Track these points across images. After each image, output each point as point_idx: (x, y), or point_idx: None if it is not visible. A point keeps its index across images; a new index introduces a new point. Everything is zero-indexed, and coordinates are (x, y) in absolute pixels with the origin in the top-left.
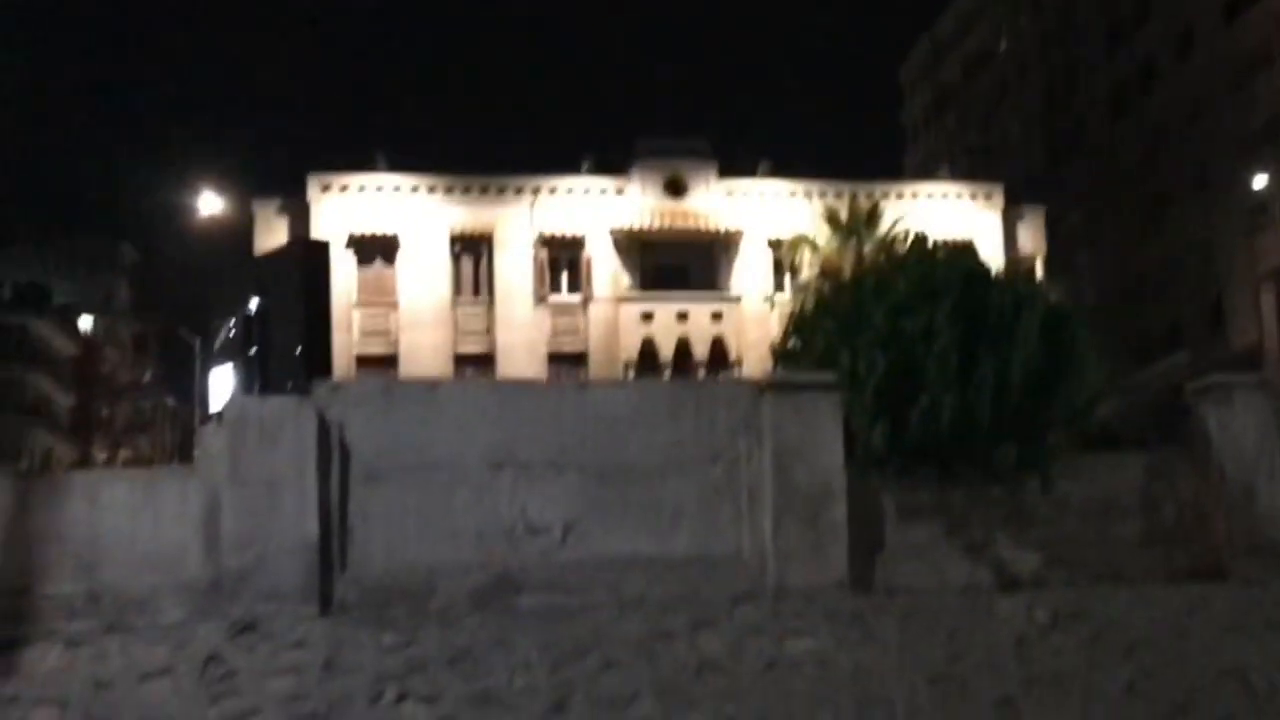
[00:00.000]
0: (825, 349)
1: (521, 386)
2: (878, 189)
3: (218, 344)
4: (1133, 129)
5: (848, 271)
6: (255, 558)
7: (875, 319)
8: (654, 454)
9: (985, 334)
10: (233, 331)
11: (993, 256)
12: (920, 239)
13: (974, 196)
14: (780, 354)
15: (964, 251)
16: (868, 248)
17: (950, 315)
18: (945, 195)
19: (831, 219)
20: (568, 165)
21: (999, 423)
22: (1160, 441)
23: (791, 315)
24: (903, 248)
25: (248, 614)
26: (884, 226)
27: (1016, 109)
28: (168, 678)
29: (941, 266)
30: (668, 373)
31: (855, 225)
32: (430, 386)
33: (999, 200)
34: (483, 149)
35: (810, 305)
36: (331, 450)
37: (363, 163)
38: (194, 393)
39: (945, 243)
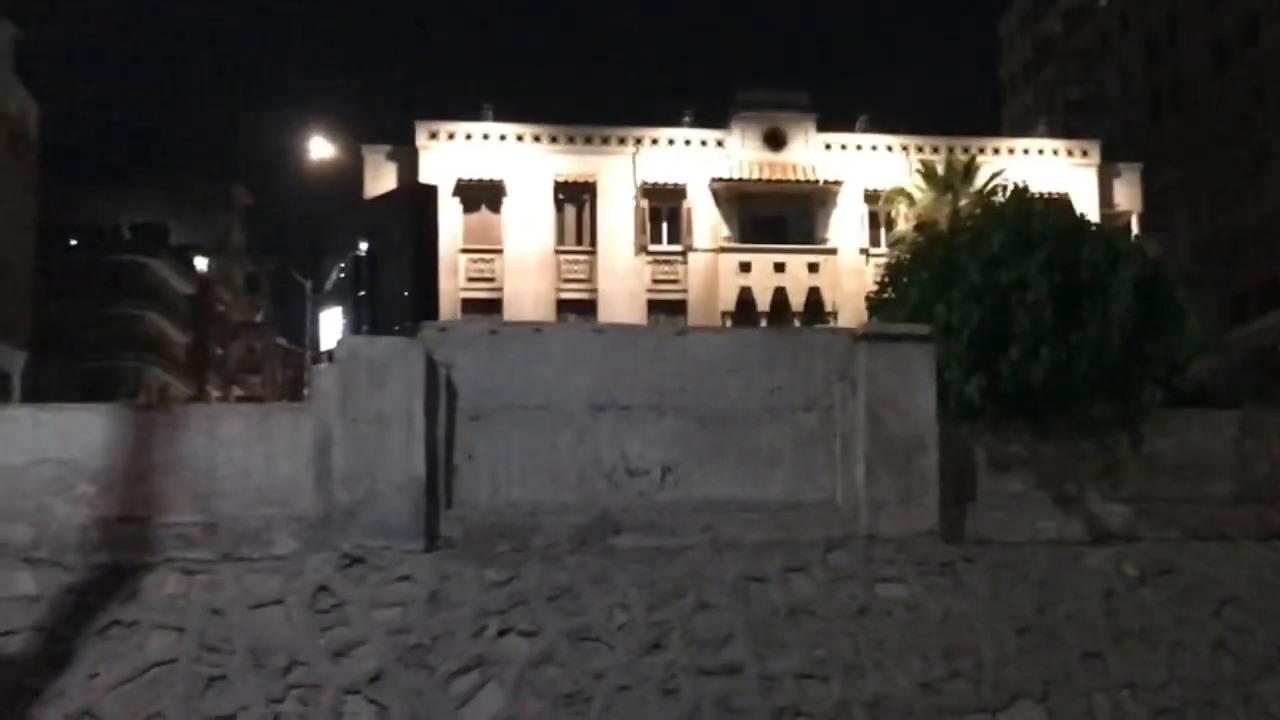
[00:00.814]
0: (920, 301)
1: (623, 331)
2: (974, 144)
3: (328, 285)
4: (1233, 84)
5: (943, 225)
6: (364, 493)
7: (970, 272)
8: (750, 400)
9: (1080, 288)
10: (343, 274)
11: (1088, 213)
12: (1018, 191)
13: (1071, 152)
14: (875, 305)
15: (1059, 207)
16: (963, 202)
17: (1045, 268)
18: (1042, 151)
19: (928, 173)
20: (669, 117)
21: (1093, 377)
22: (1255, 400)
23: (887, 267)
24: (998, 202)
25: (357, 548)
26: (980, 181)
27: (1116, 63)
28: (280, 607)
29: (1037, 220)
30: (764, 322)
31: (951, 179)
32: (534, 330)
33: (1096, 156)
34: (586, 100)
35: (905, 257)
36: (438, 390)
37: (470, 113)
38: (305, 333)
39: (1041, 196)
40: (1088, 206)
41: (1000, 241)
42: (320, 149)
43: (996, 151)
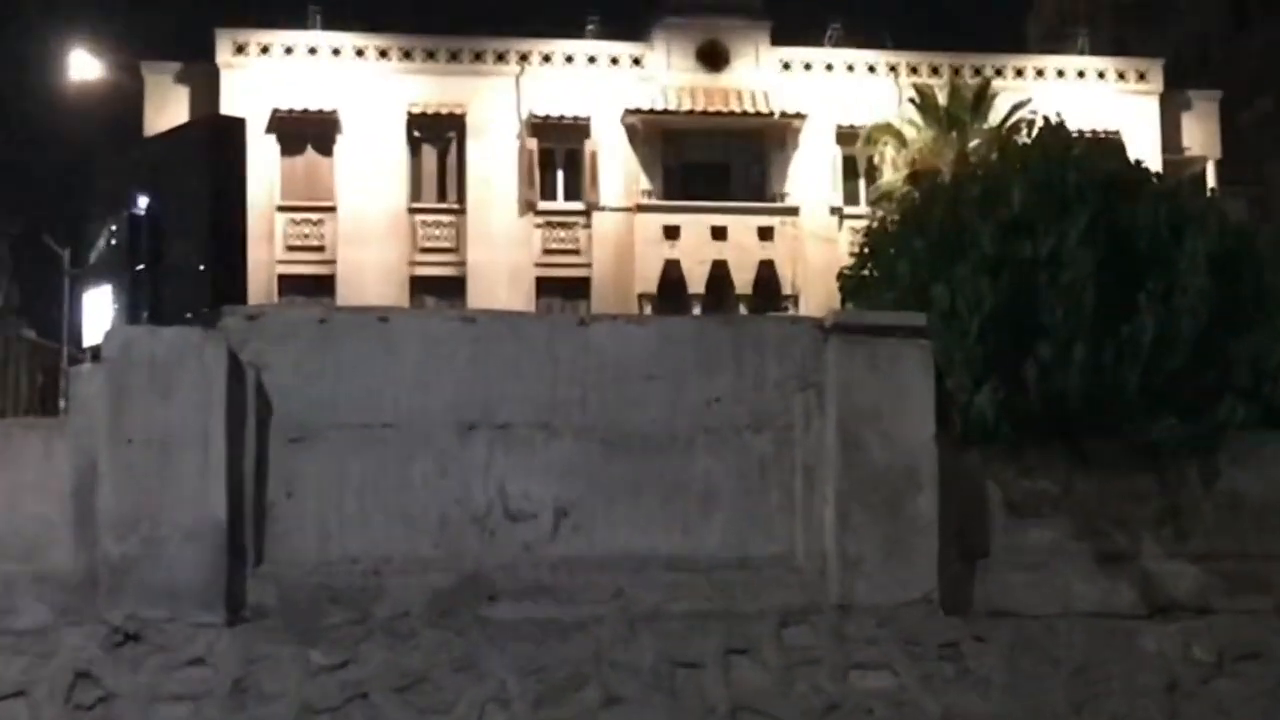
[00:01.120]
0: (913, 279)
1: (503, 322)
2: (989, 63)
3: (94, 256)
4: None
5: (946, 174)
6: (142, 544)
7: (983, 239)
8: (678, 417)
9: (1134, 264)
10: (114, 240)
11: (1146, 158)
12: (1049, 127)
13: (1123, 75)
14: (851, 285)
15: (1106, 150)
16: (973, 142)
17: (1086, 236)
18: (1082, 73)
19: (925, 103)
20: (567, 25)
21: (1151, 387)
22: None
23: (868, 232)
24: (1022, 143)
25: (131, 619)
26: (997, 114)
27: None
28: (22, 702)
29: (1075, 169)
30: (698, 308)
31: (957, 112)
32: (380, 319)
33: (1157, 82)
34: (454, 2)
35: (893, 219)
36: (246, 402)
37: (292, 18)
38: (61, 322)
39: (1081, 135)
40: (1146, 150)
41: (1024, 199)
42: (83, 67)
43: (1020, 74)
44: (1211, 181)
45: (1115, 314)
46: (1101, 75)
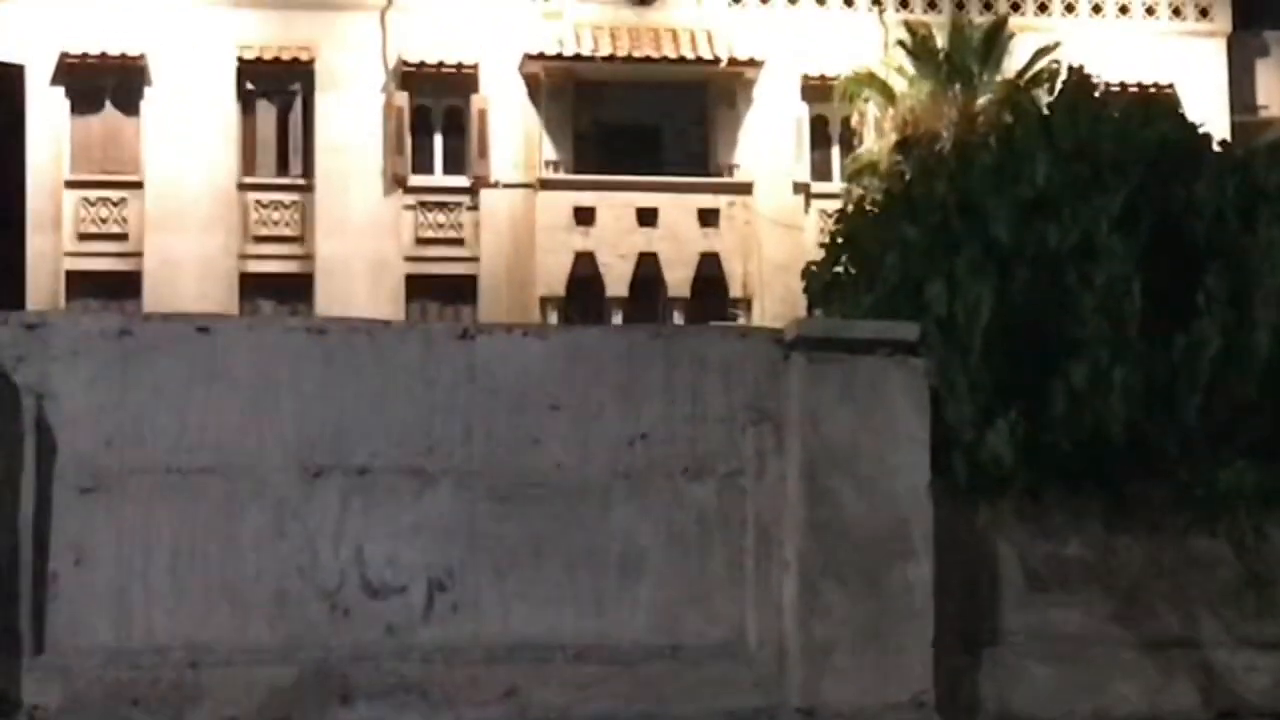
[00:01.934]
0: (903, 277)
1: (363, 334)
2: None
3: None
4: None
5: (947, 140)
6: None
7: (994, 224)
8: (591, 459)
9: (1191, 256)
10: None
11: (1209, 119)
12: (1080, 79)
13: (1178, 12)
14: (821, 286)
15: (1155, 108)
16: (983, 99)
17: (1126, 220)
18: (1125, 9)
19: (920, 47)
20: None
21: (1214, 418)
22: None
23: (844, 216)
24: (1046, 99)
25: None
26: (1014, 63)
27: None
28: None
29: (1112, 133)
30: (619, 317)
31: (962, 58)
32: (200, 329)
33: (1224, 20)
34: None
35: (877, 198)
36: (22, 438)
37: None
38: None
39: (1123, 89)
40: (1210, 108)
41: (1049, 170)
42: None
43: (1044, 9)
44: None
45: (1167, 323)
46: (1151, 11)
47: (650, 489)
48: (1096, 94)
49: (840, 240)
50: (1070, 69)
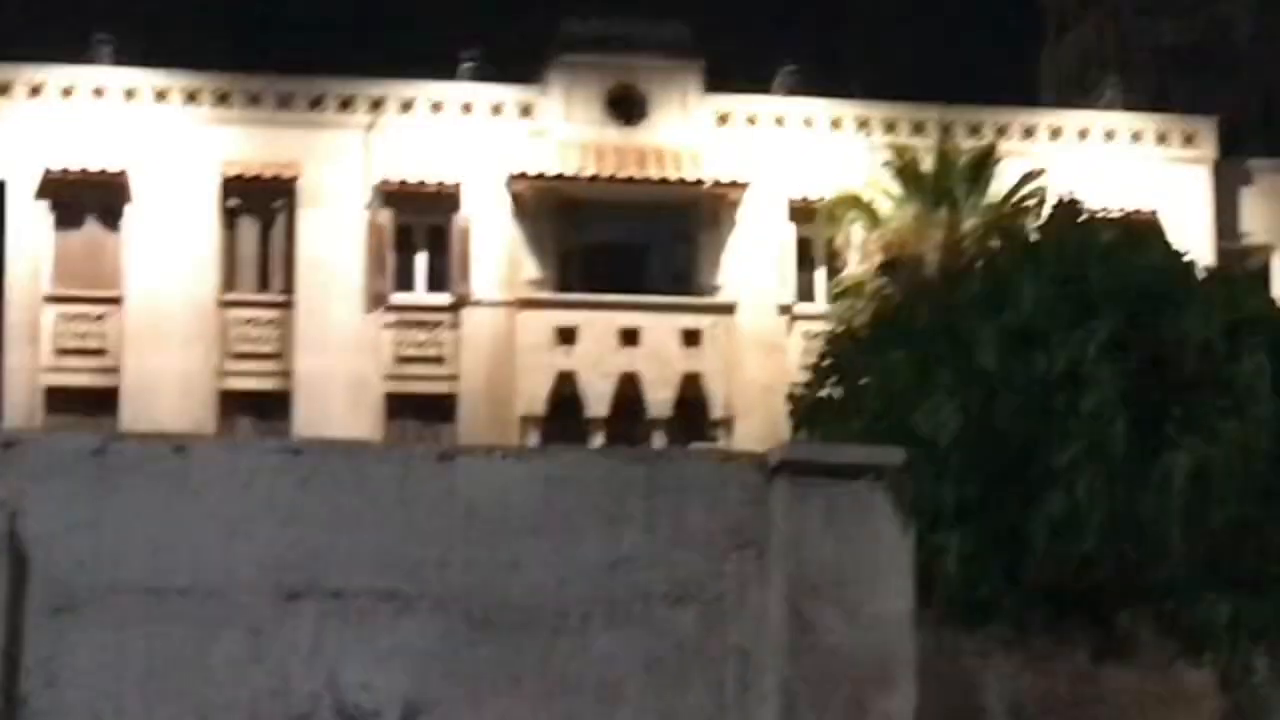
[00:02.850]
0: (889, 402)
1: (340, 455)
2: (989, 119)
3: None
4: None
5: (932, 264)
6: None
7: (981, 349)
8: (571, 584)
9: (1179, 386)
10: None
11: (1195, 246)
12: (1068, 207)
13: (1164, 138)
14: (806, 409)
15: (1142, 236)
16: (969, 222)
17: (1112, 349)
18: (1111, 134)
19: (905, 169)
20: (434, 63)
21: (1199, 547)
22: None
23: (830, 339)
24: (1033, 224)
25: None
26: (999, 186)
27: None
28: None
29: (1103, 261)
30: (600, 438)
31: (947, 182)
32: (176, 449)
33: (1209, 146)
34: (285, 31)
35: (863, 319)
36: None
37: (71, 49)
38: None
39: (1109, 215)
40: (1195, 235)
41: (1036, 298)
42: None
43: (1029, 134)
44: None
45: (1152, 450)
46: (1137, 137)
47: (630, 615)
48: (1083, 221)
49: (826, 364)
50: (1059, 197)
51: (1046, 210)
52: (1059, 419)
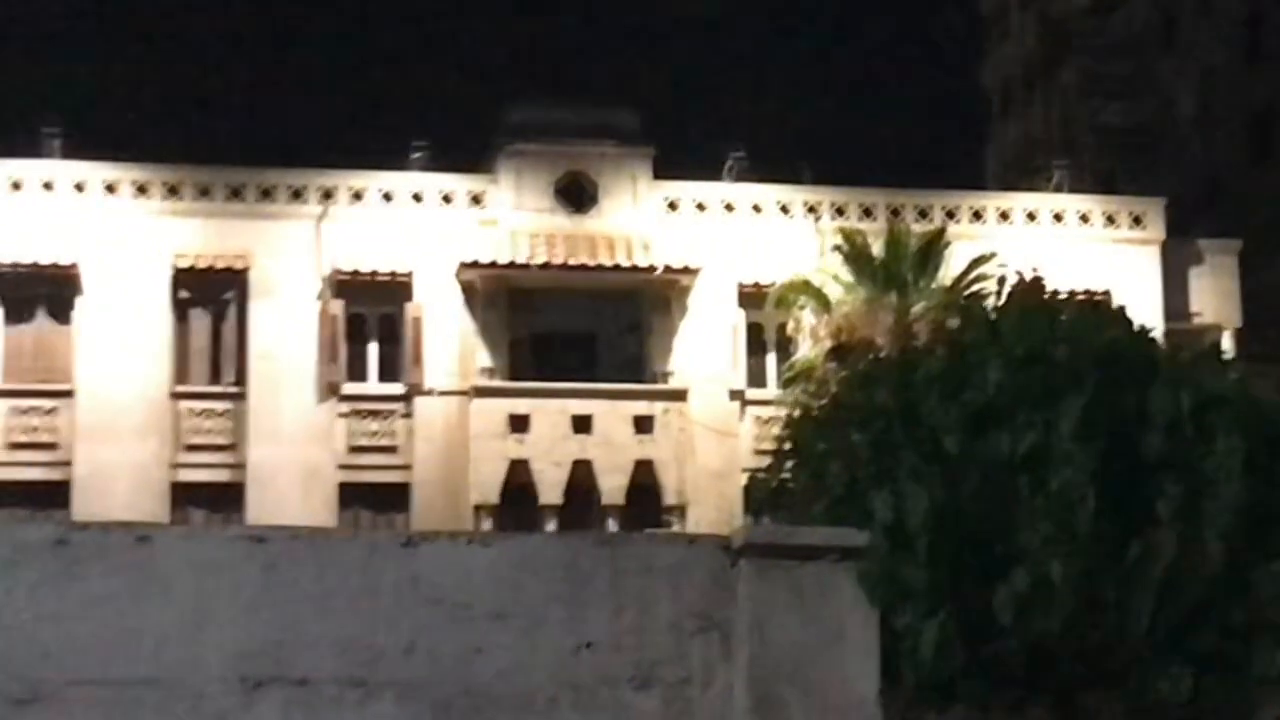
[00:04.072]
0: (848, 486)
1: (304, 543)
2: (938, 202)
3: None
4: None
5: (884, 344)
6: None
7: (943, 433)
8: (536, 669)
9: (1144, 465)
10: None
11: (1144, 323)
12: (1029, 287)
13: (1112, 220)
14: (767, 493)
15: (1104, 314)
16: (919, 305)
17: (1082, 428)
18: (1059, 217)
19: (855, 253)
20: (385, 153)
21: (1164, 628)
22: None
23: (790, 423)
24: (984, 305)
25: None
26: (949, 269)
27: (1192, 60)
28: None
29: (1068, 339)
30: (553, 524)
31: (897, 266)
32: (140, 539)
33: (1157, 228)
34: (235, 122)
35: (817, 406)
36: None
37: (22, 142)
38: None
39: (1063, 296)
40: (1144, 314)
41: (999, 377)
42: None
43: (978, 216)
44: (1230, 353)
45: (1118, 530)
46: (1085, 219)
47: (596, 699)
48: (1045, 300)
49: (786, 447)
50: (1022, 277)
51: (1006, 290)
52: (1024, 499)
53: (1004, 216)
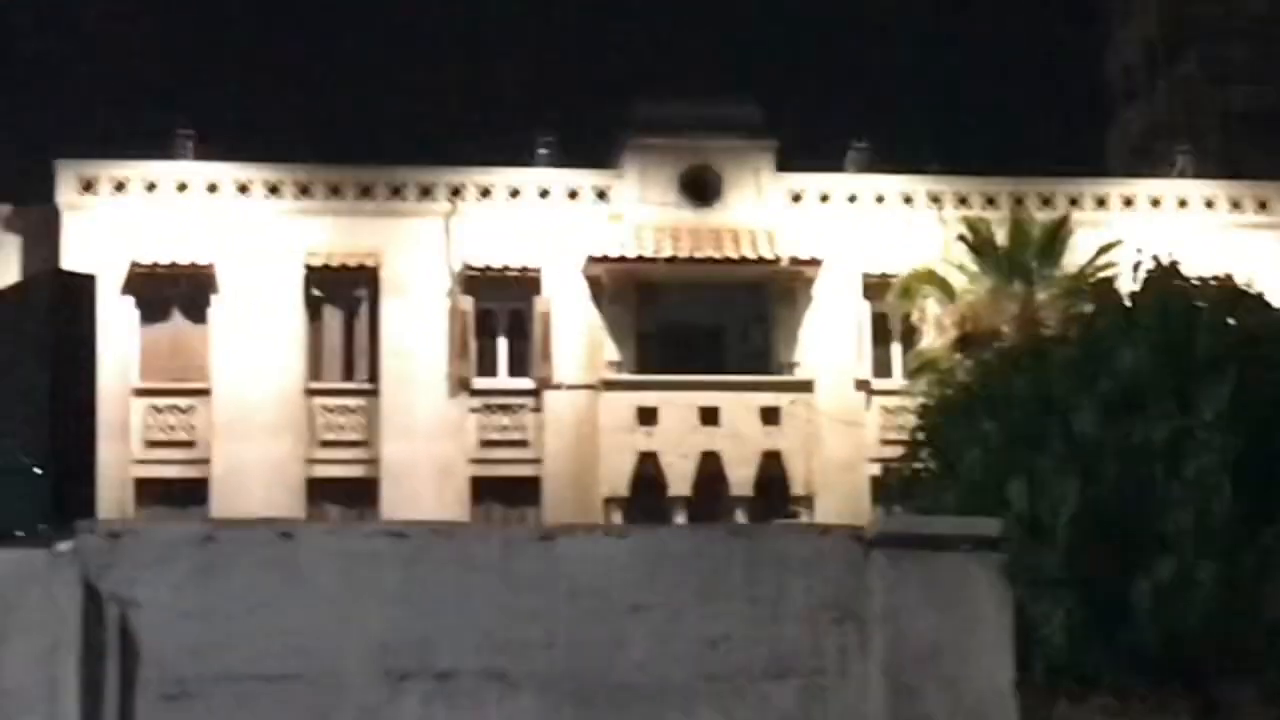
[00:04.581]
0: (980, 475)
1: (444, 538)
2: (1061, 190)
3: None
4: None
5: (1009, 333)
6: None
7: (1079, 419)
8: (673, 661)
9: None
10: None
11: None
12: (1165, 273)
13: (1237, 205)
14: (899, 483)
15: (1242, 300)
16: (1044, 294)
17: (1223, 416)
18: (1184, 202)
19: (979, 243)
20: (512, 149)
21: None
22: None
23: (922, 413)
24: (1117, 292)
25: None
26: (1076, 255)
27: None
28: None
29: (1208, 326)
30: (682, 516)
31: (1021, 254)
32: (283, 535)
33: None
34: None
35: (946, 393)
36: (106, 646)
37: (155, 145)
38: None
39: (1205, 282)
40: (1271, 299)
41: (1135, 364)
42: None
43: (1101, 204)
44: None
45: (1258, 518)
46: (1210, 204)
47: (733, 691)
48: (1180, 286)
49: (918, 439)
50: (1160, 262)
51: (1140, 276)
52: (1161, 488)
53: (1128, 203)
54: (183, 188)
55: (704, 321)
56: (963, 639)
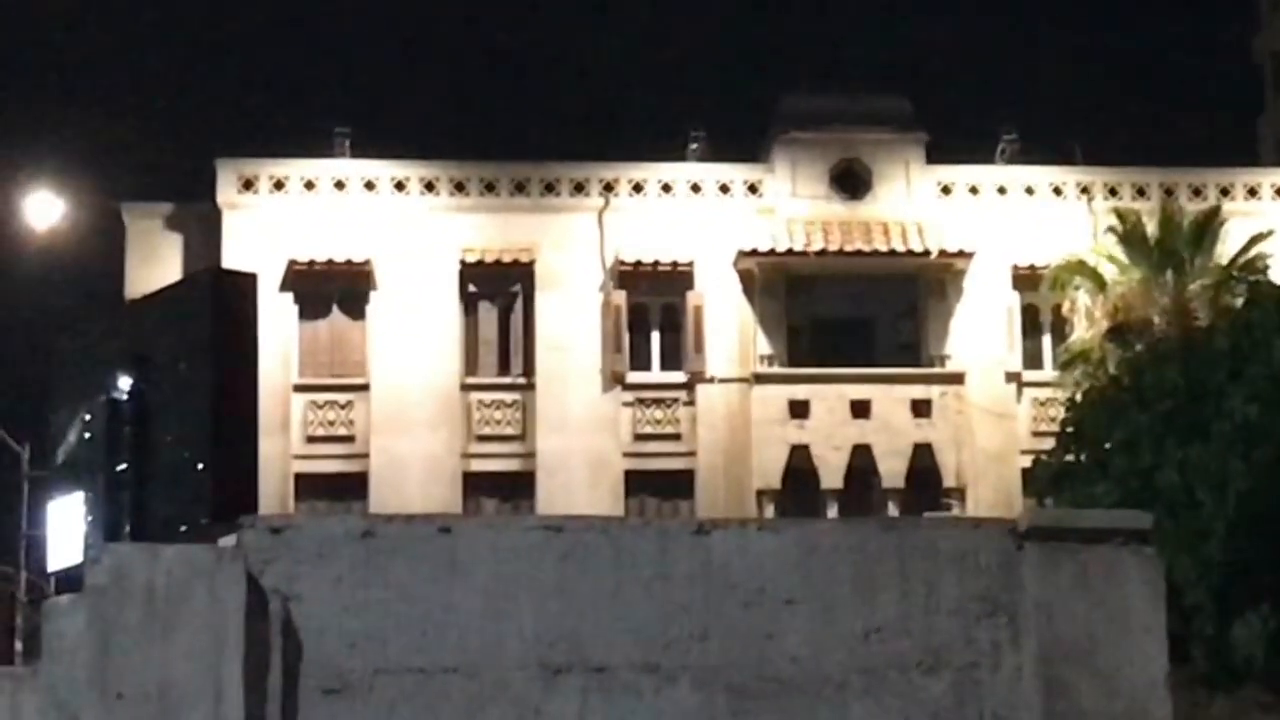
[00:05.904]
0: (1130, 465)
1: (599, 532)
2: (1211, 180)
3: (62, 454)
4: None
5: (1161, 324)
6: None
7: (1232, 408)
8: (828, 653)
9: None
10: (88, 432)
11: None
12: None
13: None
14: (1049, 475)
15: None
16: (1195, 284)
17: None
18: None
19: (1129, 234)
20: (663, 145)
21: None
22: None
23: (1071, 406)
24: (1272, 282)
25: None
26: (1228, 245)
27: None
28: None
29: None
30: (834, 508)
31: (1173, 244)
32: (442, 530)
33: None
34: (518, 120)
35: (1099, 384)
36: (270, 640)
37: (313, 144)
38: (17, 539)
39: None
40: None
41: None
42: (45, 211)
43: (1253, 193)
44: None
45: None
46: None
47: (886, 683)
48: None
49: (1069, 430)
50: None
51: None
52: None
53: (1279, 193)
54: (340, 185)
55: (854, 314)
56: (1115, 632)
